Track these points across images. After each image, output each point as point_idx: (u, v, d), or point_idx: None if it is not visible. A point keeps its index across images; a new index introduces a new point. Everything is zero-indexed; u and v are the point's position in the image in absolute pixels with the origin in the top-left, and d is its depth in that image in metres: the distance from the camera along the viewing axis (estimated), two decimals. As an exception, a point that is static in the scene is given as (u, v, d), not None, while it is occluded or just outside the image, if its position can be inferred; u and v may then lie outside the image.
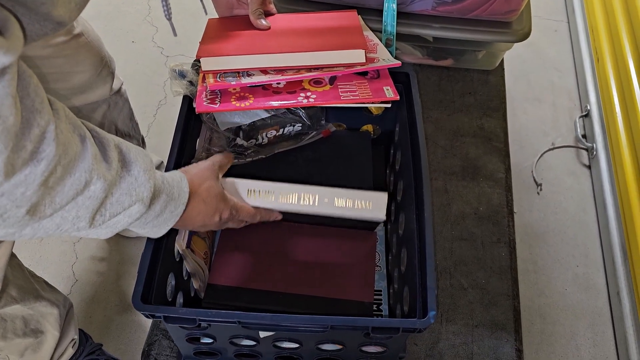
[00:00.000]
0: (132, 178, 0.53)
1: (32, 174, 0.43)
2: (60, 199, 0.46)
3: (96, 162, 0.49)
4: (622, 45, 1.47)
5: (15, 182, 0.42)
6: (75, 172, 0.47)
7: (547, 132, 1.64)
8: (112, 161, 0.51)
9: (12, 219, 0.44)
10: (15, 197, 0.43)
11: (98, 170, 0.49)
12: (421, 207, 0.67)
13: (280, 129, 0.84)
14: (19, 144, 0.41)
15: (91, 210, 0.49)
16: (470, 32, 1.00)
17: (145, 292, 0.61)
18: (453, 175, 0.99)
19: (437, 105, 1.08)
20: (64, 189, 0.46)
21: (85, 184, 0.48)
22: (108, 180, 0.50)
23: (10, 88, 0.40)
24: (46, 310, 0.97)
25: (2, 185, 0.42)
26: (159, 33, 1.86)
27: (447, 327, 0.83)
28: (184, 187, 0.60)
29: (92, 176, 0.48)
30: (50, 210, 0.46)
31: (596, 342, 1.27)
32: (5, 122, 0.40)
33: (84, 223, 0.50)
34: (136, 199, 0.53)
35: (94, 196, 0.49)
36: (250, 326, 0.61)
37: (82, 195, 0.48)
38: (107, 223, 0.52)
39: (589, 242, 1.42)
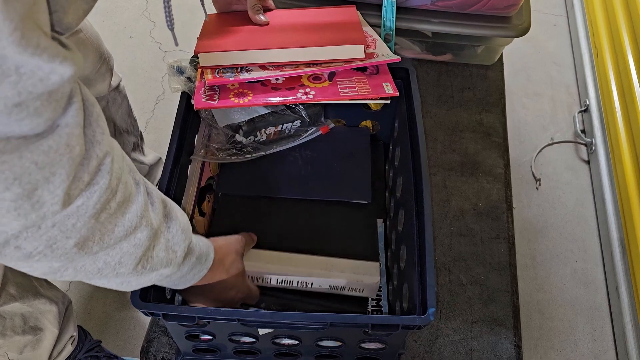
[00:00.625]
0: (171, 235, 0.52)
1: (84, 205, 0.42)
2: (109, 237, 0.45)
3: (146, 209, 0.48)
4: (622, 40, 1.47)
5: (68, 212, 0.41)
6: (127, 213, 0.46)
7: (546, 127, 1.64)
8: (158, 213, 0.51)
9: (60, 250, 0.43)
10: (66, 227, 0.42)
11: (147, 218, 0.48)
12: (420, 203, 0.67)
13: (280, 126, 0.84)
14: (77, 175, 0.41)
15: (134, 259, 0.49)
16: (469, 27, 1.00)
17: (144, 290, 0.61)
18: (452, 170, 0.99)
19: (436, 101, 1.08)
20: (114, 228, 0.45)
21: (135, 228, 0.47)
22: (153, 230, 0.49)
23: (79, 117, 0.40)
24: (45, 307, 0.97)
25: (56, 215, 0.41)
26: (157, 28, 1.85)
27: (446, 324, 0.83)
28: (211, 252, 0.61)
29: (142, 222, 0.48)
30: (97, 248, 0.45)
31: (595, 337, 1.27)
32: (72, 152, 0.39)
33: (127, 269, 0.49)
34: (172, 256, 0.53)
35: (139, 244, 0.48)
36: (249, 323, 0.61)
37: (128, 239, 0.47)
38: (145, 275, 0.51)
39: (588, 238, 1.42)
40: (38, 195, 0.39)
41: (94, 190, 0.42)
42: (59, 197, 0.40)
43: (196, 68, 0.77)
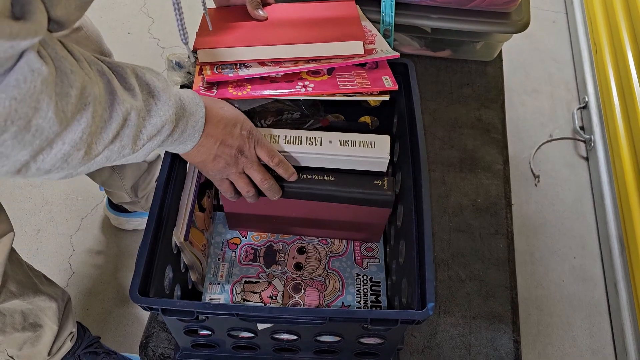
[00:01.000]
0: (156, 99, 0.55)
1: (85, 118, 0.47)
2: (107, 134, 0.50)
3: (122, 93, 0.51)
4: (621, 37, 1.46)
5: (75, 128, 0.46)
6: (113, 106, 0.50)
7: (544, 123, 1.64)
8: (134, 87, 0.53)
9: (75, 161, 0.48)
10: (75, 142, 0.47)
11: (127, 100, 0.51)
12: (420, 199, 0.67)
13: (279, 116, 0.84)
14: (62, 91, 0.44)
15: (132, 138, 0.53)
16: (468, 23, 0.99)
17: (143, 285, 0.61)
18: (451, 166, 0.99)
19: (435, 97, 1.07)
20: (108, 125, 0.50)
21: (123, 115, 0.51)
22: (137, 107, 0.52)
23: (33, 47, 0.42)
24: (45, 304, 0.97)
25: (62, 134, 0.46)
26: (155, 24, 1.85)
27: (445, 319, 0.83)
28: (198, 100, 0.62)
29: (125, 106, 0.51)
30: (102, 147, 0.50)
31: (593, 333, 1.27)
32: (42, 74, 0.42)
33: (128, 150, 0.53)
34: (164, 119, 0.55)
35: (131, 124, 0.52)
36: (248, 318, 0.61)
37: (123, 127, 0.51)
38: (145, 145, 0.55)
39: (586, 234, 1.42)
40: (35, 125, 0.43)
41: (87, 102, 0.47)
42: (52, 118, 0.44)
43: (195, 62, 0.77)
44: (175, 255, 0.72)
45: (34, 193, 1.46)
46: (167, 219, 0.69)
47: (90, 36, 0.94)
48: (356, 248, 0.85)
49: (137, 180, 1.20)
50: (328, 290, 0.79)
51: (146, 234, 0.64)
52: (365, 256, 0.84)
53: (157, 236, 0.66)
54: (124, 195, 1.22)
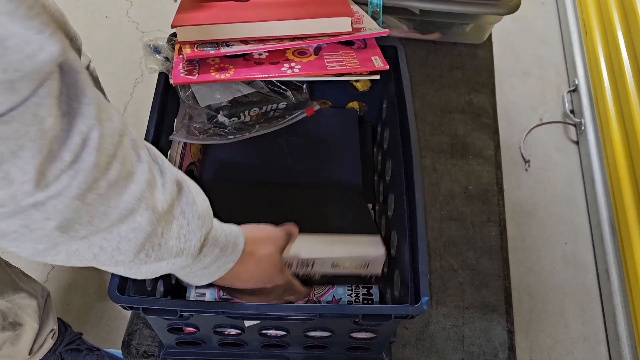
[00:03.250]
0: (185, 221, 0.47)
1: (67, 185, 0.37)
2: (101, 220, 0.40)
3: (149, 190, 0.43)
4: (611, 18, 1.45)
5: (49, 194, 0.37)
6: (123, 194, 0.41)
7: (535, 107, 1.62)
8: (167, 195, 0.44)
9: (39, 232, 0.38)
10: (45, 208, 0.37)
11: (148, 200, 0.43)
12: (411, 188, 0.65)
13: (264, 107, 0.81)
14: (56, 152, 0.36)
15: (134, 245, 0.44)
16: (458, 4, 0.97)
17: (123, 283, 0.58)
18: (441, 153, 0.97)
19: (424, 81, 1.05)
20: (106, 210, 0.40)
21: (132, 210, 0.42)
22: (158, 214, 0.44)
23: (52, 87, 0.34)
24: (24, 302, 0.95)
25: (33, 196, 0.36)
26: (134, 7, 1.80)
27: (438, 310, 0.82)
28: (240, 243, 0.55)
29: (140, 205, 0.42)
30: (86, 232, 0.40)
31: (585, 319, 1.27)
32: (42, 124, 0.34)
33: (127, 257, 0.44)
34: (182, 247, 0.47)
35: (138, 228, 0.43)
36: (234, 316, 0.59)
37: (125, 223, 0.42)
38: (150, 264, 0.47)
39: (577, 219, 1.42)
40: (4, 171, 0.35)
41: (78, 168, 0.37)
42: (30, 175, 0.35)
43: (173, 47, 0.74)
44: (157, 250, 0.70)
45: (11, 185, 1.42)
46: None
47: (52, 15, 0.89)
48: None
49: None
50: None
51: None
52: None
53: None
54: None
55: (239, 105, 0.79)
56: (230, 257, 0.54)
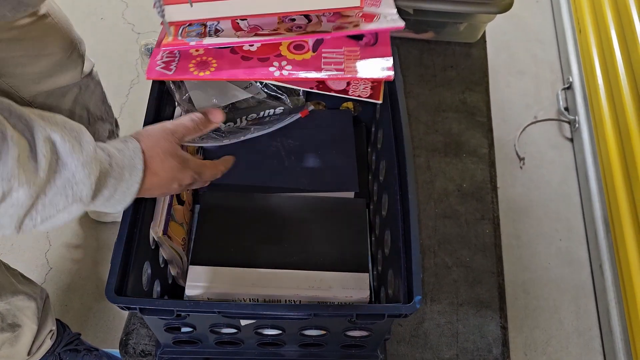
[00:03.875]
0: (69, 174, 0.46)
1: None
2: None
3: (20, 165, 0.42)
4: (605, 16, 1.45)
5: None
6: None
7: (529, 105, 1.63)
8: (41, 159, 0.44)
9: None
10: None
11: (22, 175, 0.42)
12: (405, 188, 0.65)
13: (261, 112, 0.81)
14: None
15: (17, 218, 0.44)
16: (451, 4, 0.98)
17: (120, 283, 0.59)
18: (436, 151, 0.97)
19: (419, 80, 1.06)
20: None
21: (4, 193, 0.42)
22: (36, 185, 0.44)
23: None
24: (23, 304, 0.95)
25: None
26: (129, 9, 1.79)
27: (432, 307, 0.82)
28: (138, 164, 0.53)
29: (12, 184, 0.42)
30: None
31: (579, 315, 1.28)
32: None
33: (9, 230, 0.45)
34: (73, 199, 0.47)
35: (17, 204, 0.43)
36: (231, 315, 0.59)
37: (4, 203, 0.43)
38: (40, 225, 0.47)
39: (572, 216, 1.43)
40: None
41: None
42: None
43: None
44: (154, 251, 0.70)
45: (8, 186, 1.42)
46: (144, 213, 0.66)
47: (58, 23, 0.90)
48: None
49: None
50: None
51: (121, 230, 0.62)
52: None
53: (133, 232, 0.64)
54: (101, 187, 1.18)
55: (236, 110, 0.79)
56: (130, 180, 0.52)
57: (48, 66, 0.91)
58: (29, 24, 0.84)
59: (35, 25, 0.85)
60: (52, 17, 0.89)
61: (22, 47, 0.85)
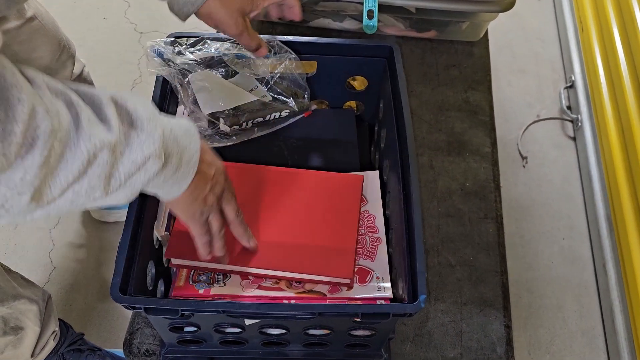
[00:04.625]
0: (137, 131, 0.48)
1: (30, 156, 0.39)
2: (65, 176, 0.42)
3: (92, 127, 0.44)
4: (607, 14, 1.45)
5: (13, 170, 0.38)
6: (74, 144, 0.42)
7: (531, 104, 1.63)
8: (110, 119, 0.46)
9: (16, 208, 0.40)
10: (14, 184, 0.39)
11: (97, 135, 0.44)
12: (408, 187, 0.65)
13: (267, 115, 0.81)
14: (5, 128, 0.37)
15: (104, 178, 0.45)
16: (454, 2, 0.98)
17: (124, 283, 0.59)
18: (439, 150, 0.97)
19: (421, 79, 1.06)
20: (67, 166, 0.42)
21: (88, 153, 0.43)
22: (112, 143, 0.45)
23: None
24: (25, 307, 0.95)
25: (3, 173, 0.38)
26: (132, 8, 1.80)
27: (436, 306, 0.82)
28: (194, 132, 0.55)
29: (93, 142, 0.43)
30: (58, 191, 0.42)
31: (582, 313, 1.28)
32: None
33: (99, 192, 0.46)
34: (148, 153, 0.48)
35: (102, 163, 0.44)
36: (235, 315, 0.59)
37: (89, 167, 0.44)
38: (124, 185, 0.48)
39: (575, 215, 1.43)
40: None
41: (36, 136, 0.39)
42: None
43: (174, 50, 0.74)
44: (158, 250, 0.71)
45: (11, 186, 1.42)
46: (147, 212, 0.66)
47: (45, 26, 0.89)
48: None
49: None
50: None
51: (125, 229, 0.62)
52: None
53: (138, 231, 0.64)
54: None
55: (241, 113, 0.79)
56: (190, 147, 0.54)
57: (38, 69, 0.91)
58: (16, 27, 0.83)
59: (22, 28, 0.85)
60: (39, 19, 0.88)
61: (9, 51, 0.84)
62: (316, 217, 0.73)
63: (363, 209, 0.77)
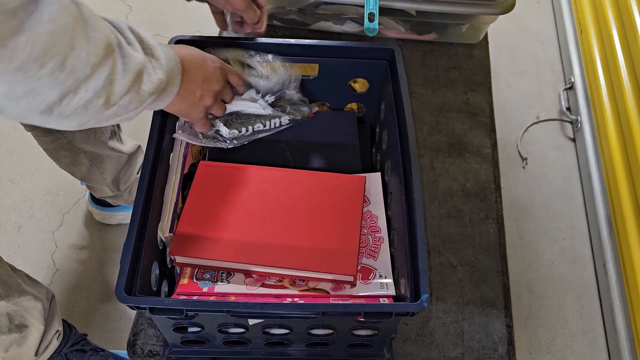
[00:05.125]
0: (155, 57, 0.57)
1: (108, 65, 0.49)
2: (123, 85, 0.51)
3: (129, 48, 0.52)
4: (606, 16, 1.46)
5: (99, 75, 0.48)
6: (126, 58, 0.51)
7: (531, 105, 1.63)
8: (134, 43, 0.54)
9: (94, 109, 0.50)
10: (98, 89, 0.48)
11: (135, 55, 0.53)
12: (410, 188, 0.66)
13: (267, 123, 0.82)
14: (89, 35, 0.46)
15: (138, 93, 0.54)
16: (454, 5, 0.98)
17: (129, 283, 0.60)
18: (439, 151, 0.98)
19: (422, 81, 1.06)
20: (125, 77, 0.51)
21: (136, 67, 0.52)
22: (144, 62, 0.54)
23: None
24: (30, 304, 0.96)
25: (89, 79, 0.47)
26: (133, 12, 1.80)
27: (438, 306, 0.83)
28: (169, 50, 0.62)
29: (136, 60, 0.52)
30: (117, 97, 0.51)
31: (583, 313, 1.29)
32: (71, 11, 0.45)
33: (134, 105, 0.54)
34: (162, 76, 0.57)
35: (140, 80, 0.54)
36: (239, 315, 0.60)
37: (135, 80, 0.53)
38: (145, 102, 0.56)
39: (575, 215, 1.43)
40: (69, 65, 0.44)
41: (112, 49, 0.48)
42: (85, 59, 0.45)
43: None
44: (162, 251, 0.71)
45: (12, 189, 1.42)
46: (151, 213, 0.67)
47: None
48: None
49: (117, 174, 1.17)
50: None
51: (130, 230, 0.63)
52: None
53: (142, 232, 0.64)
54: (106, 189, 1.19)
55: (242, 122, 0.80)
56: (172, 60, 0.60)
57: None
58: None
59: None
60: None
61: None
62: (319, 217, 0.74)
63: (365, 210, 0.77)
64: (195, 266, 0.72)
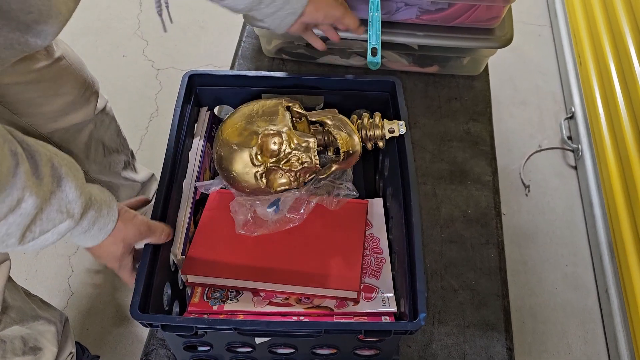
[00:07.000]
0: (64, 194, 0.53)
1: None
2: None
3: (28, 179, 0.49)
4: (604, 49, 1.50)
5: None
6: (7, 189, 0.47)
7: (533, 134, 1.66)
8: (43, 177, 0.51)
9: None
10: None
11: (30, 187, 0.49)
12: (409, 212, 0.69)
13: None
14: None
15: (22, 228, 0.50)
16: (454, 39, 1.01)
17: (143, 302, 0.62)
18: (441, 179, 1.00)
19: (424, 111, 1.09)
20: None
21: (18, 201, 0.48)
22: (40, 197, 0.50)
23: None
24: (44, 328, 0.98)
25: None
26: (150, 46, 1.87)
27: (439, 329, 0.84)
28: (114, 206, 0.60)
29: (25, 193, 0.48)
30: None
31: (587, 339, 1.28)
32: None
33: (13, 240, 0.50)
34: (67, 215, 0.53)
35: (25, 213, 0.49)
36: (246, 332, 0.62)
37: (13, 213, 0.48)
38: (36, 240, 0.53)
39: (577, 242, 1.44)
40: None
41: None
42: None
43: None
44: (174, 273, 0.74)
45: (31, 215, 1.46)
46: (165, 237, 0.70)
47: (72, 65, 0.94)
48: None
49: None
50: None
51: (145, 253, 0.66)
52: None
53: (156, 254, 0.67)
54: (120, 216, 1.22)
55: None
56: (108, 217, 0.59)
57: (63, 105, 0.95)
58: (45, 66, 0.88)
59: (51, 67, 0.90)
60: (67, 59, 0.93)
61: (39, 88, 0.90)
62: (324, 239, 0.77)
63: (368, 233, 0.81)
64: (206, 285, 0.75)
